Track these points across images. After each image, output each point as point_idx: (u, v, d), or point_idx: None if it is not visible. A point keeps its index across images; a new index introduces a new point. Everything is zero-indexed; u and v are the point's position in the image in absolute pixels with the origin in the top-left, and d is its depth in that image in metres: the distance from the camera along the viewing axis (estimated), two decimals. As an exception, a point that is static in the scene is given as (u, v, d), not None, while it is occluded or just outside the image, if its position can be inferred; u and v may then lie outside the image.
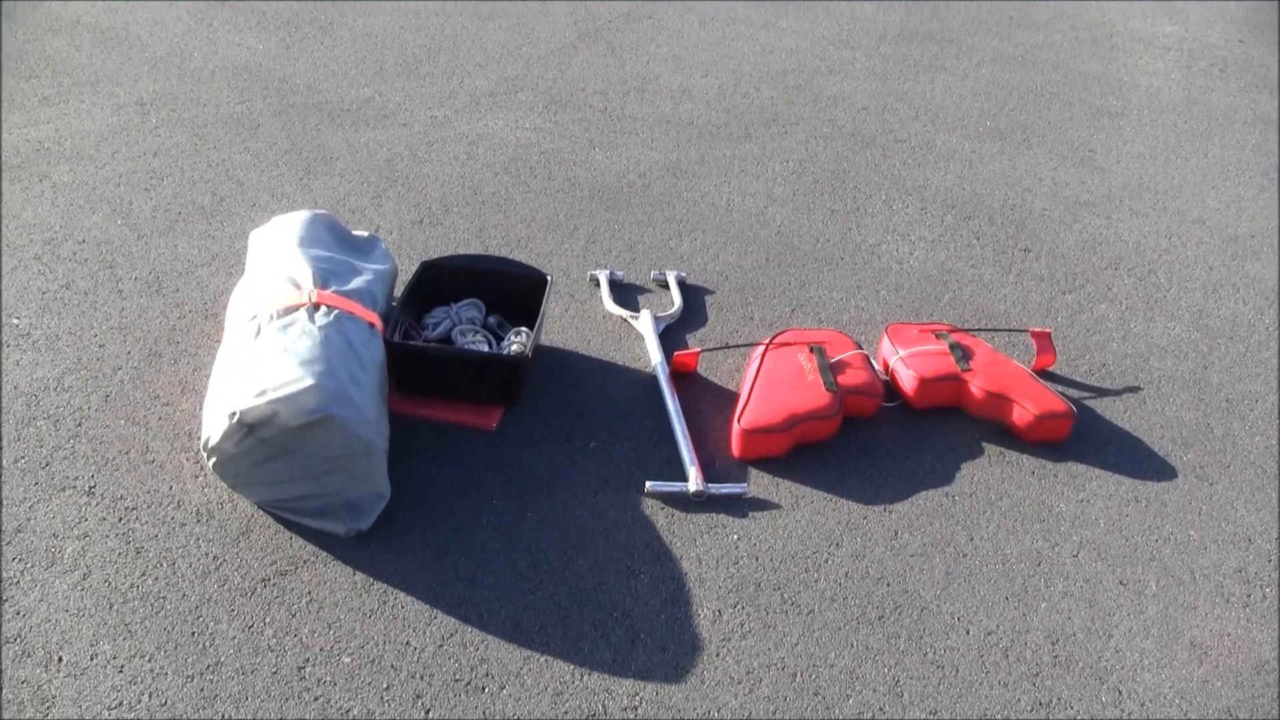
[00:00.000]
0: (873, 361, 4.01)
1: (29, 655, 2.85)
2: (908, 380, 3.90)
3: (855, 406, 3.80)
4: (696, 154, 5.73)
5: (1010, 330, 4.28)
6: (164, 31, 6.86)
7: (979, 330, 4.26)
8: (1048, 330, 4.20)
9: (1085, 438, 3.89)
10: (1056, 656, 3.05)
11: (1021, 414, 3.78)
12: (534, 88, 6.40)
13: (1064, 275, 4.87)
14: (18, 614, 2.96)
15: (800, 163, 5.73)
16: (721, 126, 6.09)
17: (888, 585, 3.23)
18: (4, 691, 2.76)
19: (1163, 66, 7.71)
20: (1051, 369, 4.21)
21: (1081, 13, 8.70)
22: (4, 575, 3.07)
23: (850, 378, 3.80)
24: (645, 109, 6.23)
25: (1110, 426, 3.96)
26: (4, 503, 3.31)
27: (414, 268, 4.06)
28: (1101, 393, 4.12)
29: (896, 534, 3.42)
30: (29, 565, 3.10)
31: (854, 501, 3.53)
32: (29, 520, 3.25)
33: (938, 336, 4.03)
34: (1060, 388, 4.11)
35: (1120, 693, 2.97)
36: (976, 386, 3.83)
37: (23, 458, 3.48)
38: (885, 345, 4.08)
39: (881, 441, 3.80)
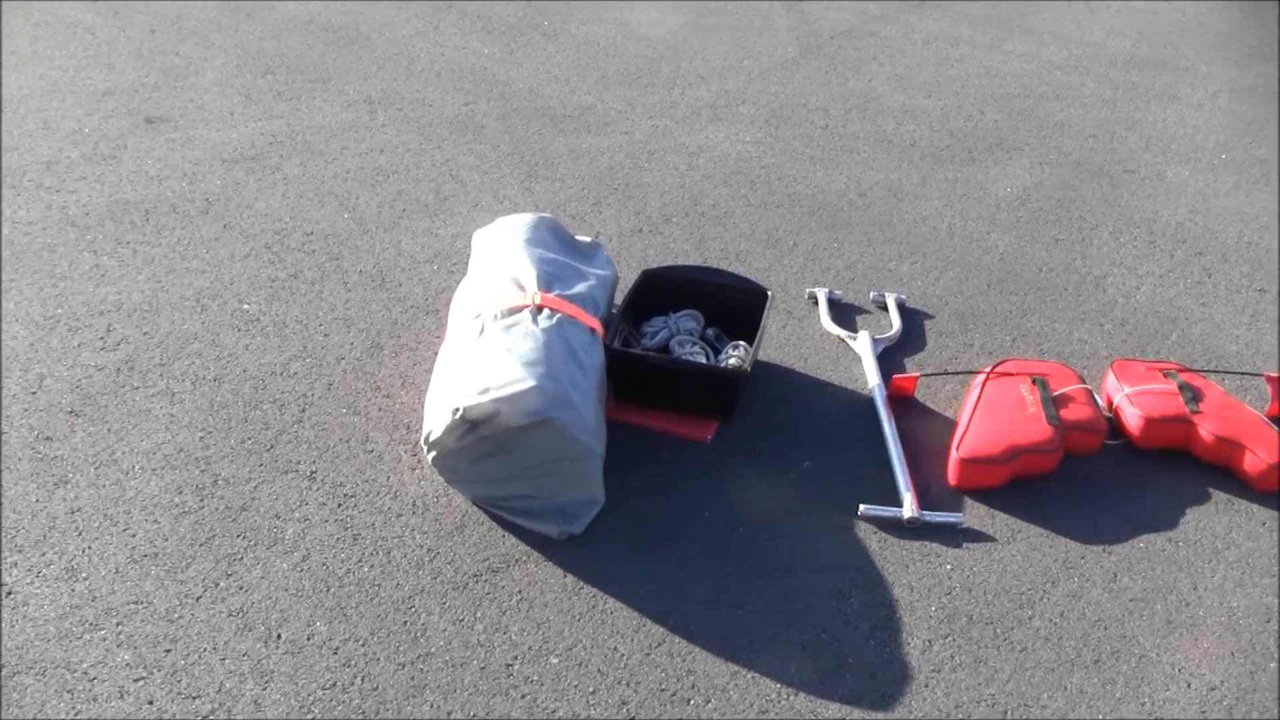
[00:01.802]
0: (1096, 397, 3.92)
1: (250, 630, 2.91)
2: (1133, 419, 3.80)
3: (1077, 442, 3.71)
4: (918, 175, 5.67)
5: (1243, 374, 4.16)
6: (392, 33, 6.98)
7: (1210, 372, 4.14)
8: (1284, 375, 4.07)
9: (1322, 490, 3.76)
10: (1285, 718, 2.95)
11: (1254, 462, 3.66)
12: (755, 101, 6.39)
13: (1302, 318, 4.73)
14: (241, 589, 3.02)
15: (1024, 189, 5.64)
16: (944, 148, 6.02)
17: (1105, 629, 3.15)
18: (227, 662, 2.82)
19: None
20: (1287, 416, 4.08)
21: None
22: (229, 551, 3.13)
23: (1073, 412, 3.72)
24: (867, 127, 6.18)
25: (1347, 479, 3.82)
26: (230, 482, 3.38)
27: (632, 275, 4.06)
28: (1338, 443, 3.99)
29: (1116, 576, 3.33)
30: (252, 544, 3.17)
31: (1072, 539, 3.45)
32: (253, 500, 3.32)
33: (1166, 375, 3.93)
34: (1295, 436, 3.99)
35: (1352, 759, 2.87)
36: (1206, 430, 3.71)
37: (249, 439, 3.55)
38: (1110, 381, 3.98)
39: (1103, 480, 3.71)
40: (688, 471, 3.57)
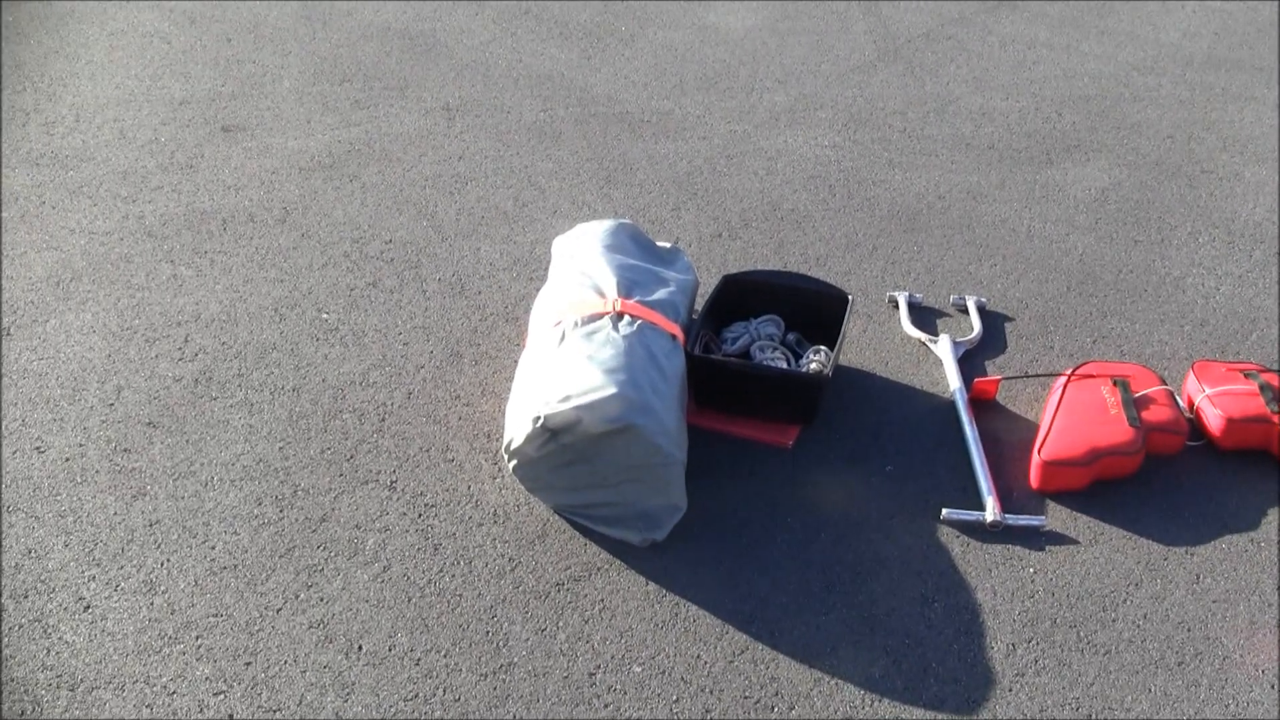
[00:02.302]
0: (1177, 399, 3.90)
1: (331, 641, 2.94)
2: (1214, 420, 3.78)
3: (1158, 444, 3.69)
4: (996, 177, 5.65)
5: (1325, 373, 4.13)
6: (469, 39, 7.01)
7: (1291, 372, 4.11)
8: (1366, 376, 4.03)
9: (1404, 491, 3.73)
10: (1369, 719, 2.93)
11: (1336, 462, 3.64)
12: (833, 105, 6.38)
13: (1383, 319, 4.68)
14: (321, 600, 3.06)
15: (1103, 190, 5.60)
16: (1022, 150, 5.99)
17: (1189, 630, 3.14)
18: (307, 675, 2.84)
19: None
20: (1368, 416, 4.04)
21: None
22: (309, 563, 3.16)
23: (1154, 414, 3.71)
24: (945, 130, 6.16)
25: None
26: (310, 492, 3.41)
27: (712, 281, 4.07)
28: None
29: (1199, 578, 3.31)
30: (332, 554, 3.20)
31: (1154, 541, 3.44)
32: (333, 510, 3.35)
33: (1247, 376, 3.90)
34: (1377, 437, 3.95)
35: None
36: (1288, 430, 3.70)
37: (329, 449, 3.58)
38: (1191, 382, 3.96)
39: (1184, 481, 3.69)
40: (770, 477, 3.58)
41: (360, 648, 2.93)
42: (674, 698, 2.85)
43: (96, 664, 2.86)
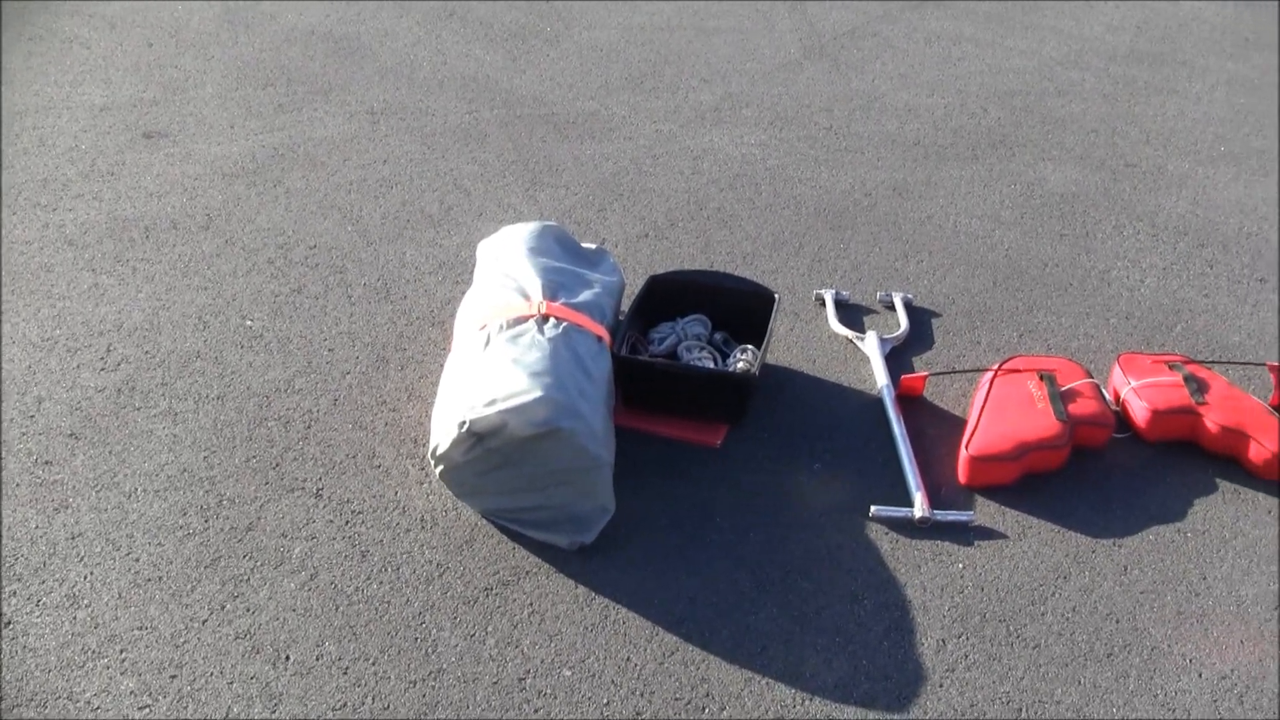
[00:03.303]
0: (1103, 391, 3.92)
1: (258, 652, 2.91)
2: (1140, 412, 3.81)
3: (1085, 437, 3.72)
4: (923, 174, 5.67)
5: (1247, 364, 4.16)
6: (393, 42, 6.98)
7: (1214, 363, 4.14)
8: (1288, 365, 4.07)
9: (1327, 478, 3.76)
10: (1296, 706, 2.95)
11: (1259, 451, 3.66)
12: (759, 104, 6.39)
13: (1304, 308, 4.73)
14: (248, 610, 3.03)
15: (1028, 185, 5.63)
16: (948, 147, 6.02)
17: (1117, 622, 3.15)
18: (234, 686, 2.82)
19: None
20: (1291, 405, 4.08)
21: (1323, 35, 8.46)
22: (235, 572, 3.13)
23: (1081, 407, 3.72)
24: (870, 127, 6.18)
25: (1354, 467, 3.82)
26: (236, 501, 3.38)
27: (638, 281, 4.07)
28: (1344, 431, 3.98)
29: (1126, 569, 3.33)
30: (258, 564, 3.17)
31: (1082, 534, 3.45)
32: (259, 519, 3.32)
33: (1171, 368, 3.93)
34: (1300, 425, 3.98)
35: (1365, 747, 2.86)
36: (1212, 421, 3.72)
37: (254, 457, 3.55)
38: (1117, 375, 3.98)
39: (1111, 474, 3.71)
40: (698, 477, 3.58)
41: (288, 657, 2.90)
42: (604, 701, 2.84)
43: (18, 681, 2.82)
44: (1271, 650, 3.09)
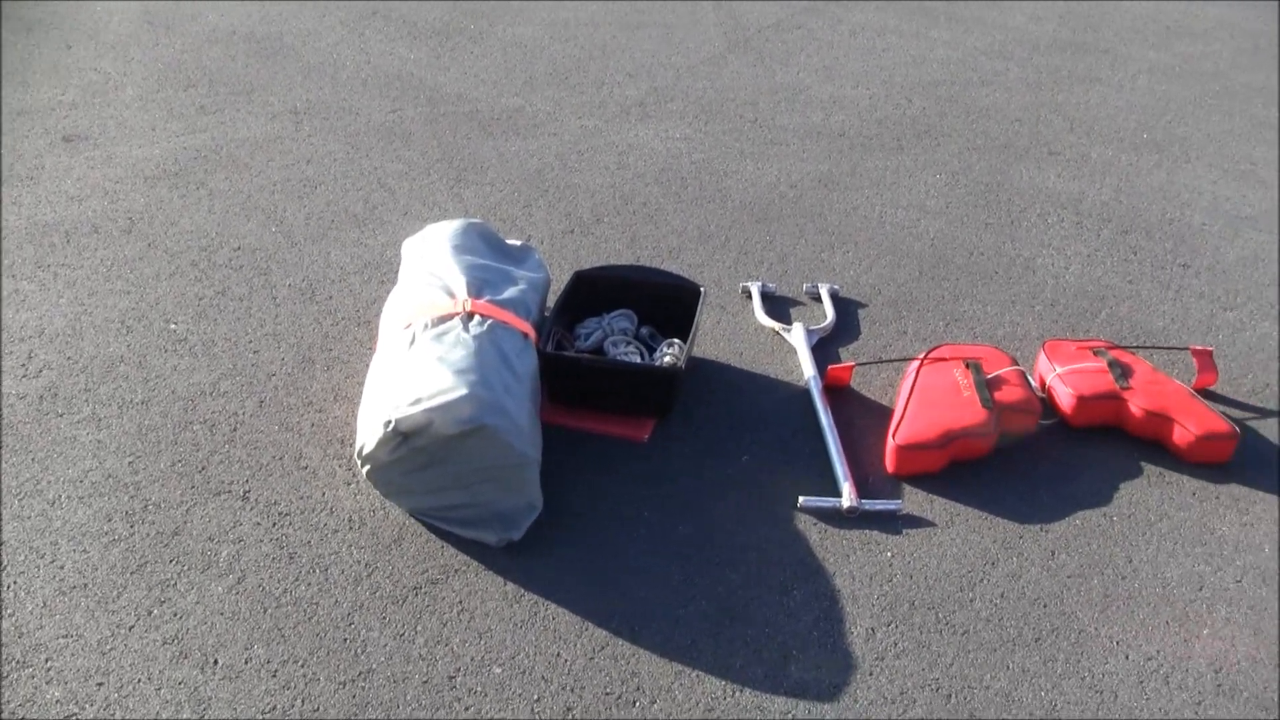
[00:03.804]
0: (1029, 378, 3.94)
1: (186, 657, 2.88)
2: (1065, 398, 3.83)
3: (1012, 424, 3.73)
4: (848, 165, 5.69)
5: (1170, 348, 4.19)
6: (316, 41, 6.95)
7: (1138, 348, 4.17)
8: (1209, 349, 4.10)
9: (1249, 459, 3.79)
10: (1220, 685, 2.97)
11: (1183, 434, 3.70)
12: (684, 97, 6.39)
13: (1225, 292, 4.76)
14: (175, 615, 2.99)
15: (953, 175, 5.66)
16: (873, 138, 6.04)
17: (1044, 606, 3.17)
18: (163, 692, 2.79)
19: (1327, 78, 7.54)
20: (1213, 388, 4.11)
21: (1242, 22, 8.52)
22: (162, 577, 3.10)
23: (1007, 394, 3.74)
24: (796, 119, 6.20)
25: (1274, 448, 3.85)
26: (161, 506, 3.35)
27: (565, 277, 4.06)
28: (1265, 413, 4.02)
29: (1053, 554, 3.35)
30: (185, 568, 3.14)
31: (1010, 520, 3.47)
32: (186, 523, 3.29)
33: (1096, 354, 3.96)
34: (1222, 408, 4.01)
35: (1289, 725, 2.89)
36: (1136, 405, 3.75)
37: (180, 461, 3.52)
38: (1042, 362, 4.01)
39: (1038, 460, 3.73)
40: (626, 472, 3.57)
41: (216, 662, 2.88)
42: (535, 697, 2.83)
43: (-60, 692, 2.80)
44: (1196, 631, 3.12)
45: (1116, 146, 6.13)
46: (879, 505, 3.45)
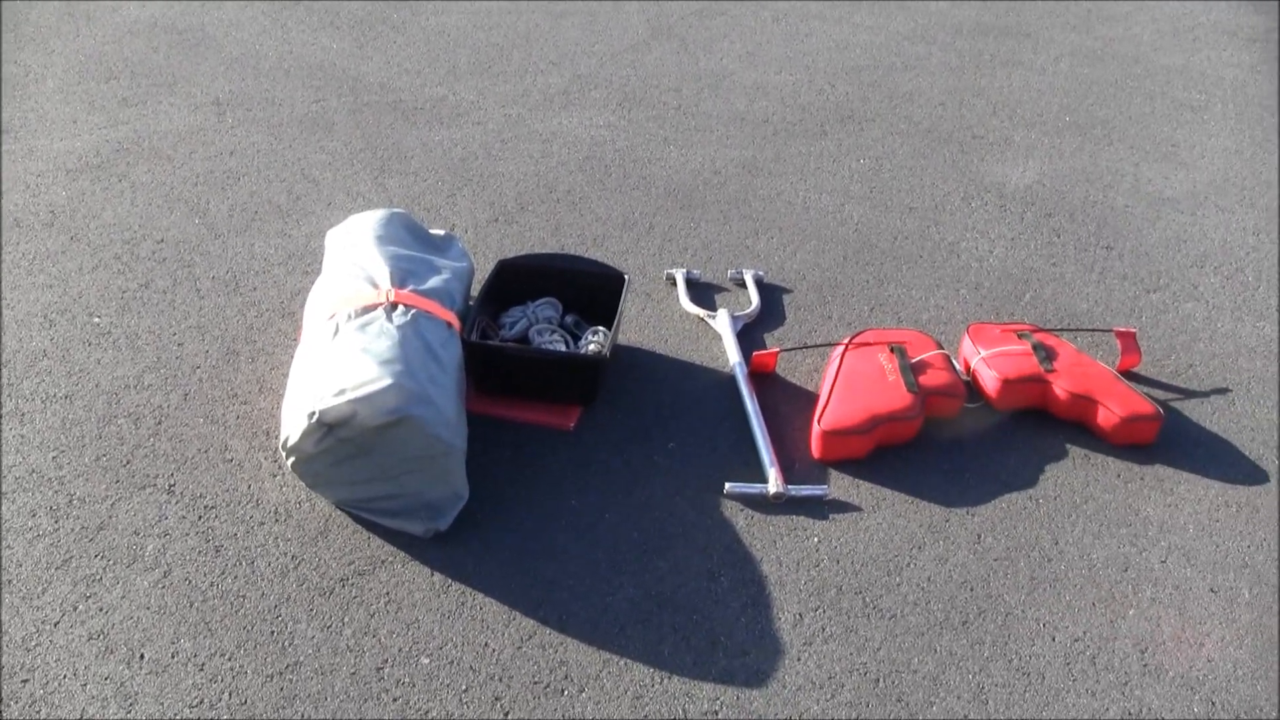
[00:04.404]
0: (954, 362, 3.96)
1: (112, 652, 2.86)
2: (990, 381, 3.85)
3: (937, 407, 3.75)
4: (772, 151, 5.70)
5: (1094, 330, 4.22)
6: (239, 32, 6.90)
7: (1062, 330, 4.20)
8: (1133, 330, 4.13)
9: (1173, 440, 3.82)
10: (1145, 665, 2.99)
11: (1107, 416, 3.73)
12: (607, 85, 6.39)
13: (1148, 273, 4.80)
14: (101, 610, 2.97)
15: (877, 160, 5.68)
16: (797, 123, 6.05)
17: (971, 589, 3.19)
18: (88, 688, 2.77)
19: (1247, 58, 7.59)
20: (1137, 370, 4.14)
21: (1162, 5, 8.59)
22: (88, 572, 3.08)
23: (932, 378, 3.76)
24: (720, 106, 6.20)
25: (1198, 429, 3.89)
26: (86, 501, 3.32)
27: (490, 266, 4.05)
28: (1189, 394, 4.06)
29: (980, 537, 3.37)
30: (111, 563, 3.11)
31: (936, 504, 3.49)
32: (111, 518, 3.26)
33: (1020, 336, 3.98)
34: (1146, 389, 4.05)
35: (1213, 704, 2.90)
36: (1060, 388, 3.77)
37: (104, 455, 3.49)
38: (966, 345, 4.03)
39: (964, 443, 3.75)
40: (552, 461, 3.57)
41: (142, 656, 2.86)
42: (463, 687, 2.82)
43: None
44: (1122, 611, 3.15)
45: (1039, 130, 6.16)
46: (805, 491, 3.46)
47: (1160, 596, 3.21)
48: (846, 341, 3.93)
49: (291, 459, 3.17)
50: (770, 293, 4.48)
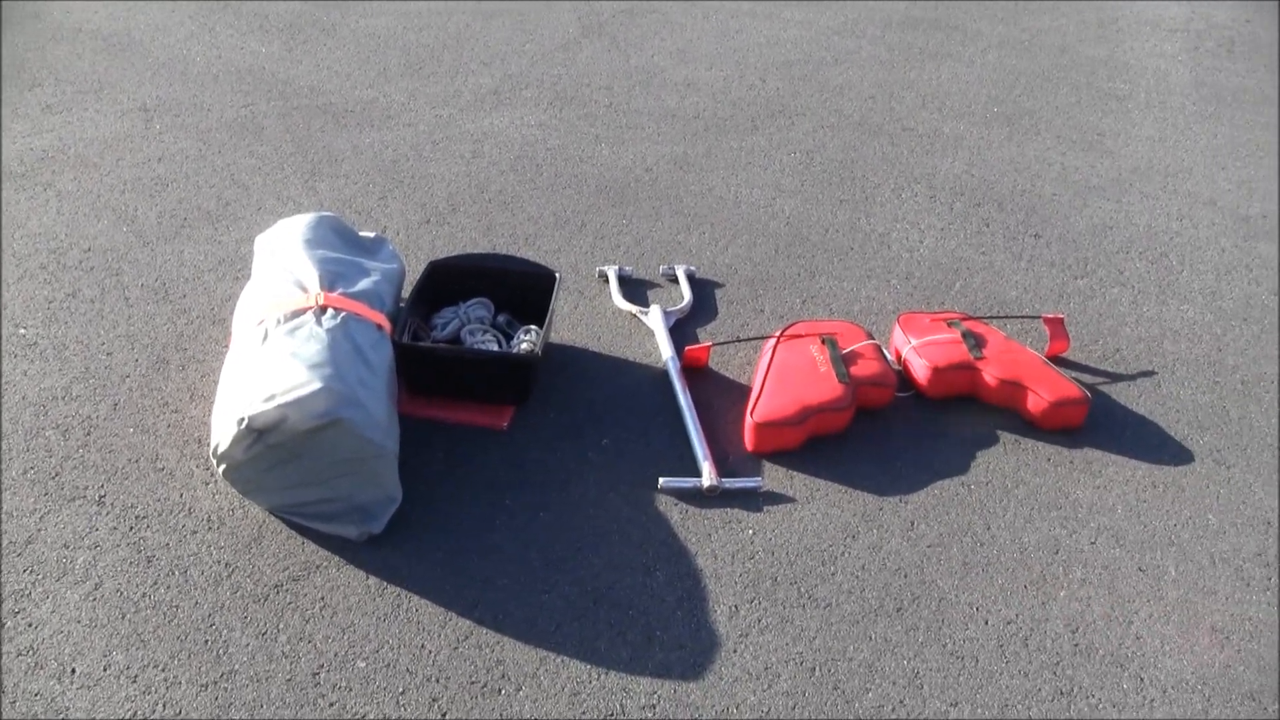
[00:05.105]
0: (885, 352, 3.99)
1: (42, 667, 2.84)
2: (921, 370, 3.87)
3: (868, 397, 3.78)
4: (703, 147, 5.71)
5: (1023, 317, 4.26)
6: (166, 37, 6.85)
7: (991, 318, 4.23)
8: (1060, 316, 4.17)
9: (1101, 423, 3.86)
10: (1077, 645, 3.03)
11: (1036, 401, 3.76)
12: (538, 84, 6.38)
13: (1075, 260, 4.84)
14: (30, 626, 2.94)
15: (808, 153, 5.71)
16: (728, 119, 6.07)
17: (905, 576, 3.21)
18: (18, 705, 2.75)
19: (1169, 48, 7.68)
20: (1065, 355, 4.18)
21: (1087, -4, 8.68)
22: (16, 588, 3.05)
23: (863, 368, 3.78)
24: (650, 103, 6.21)
25: (1126, 411, 3.93)
26: (14, 515, 3.29)
27: (422, 268, 4.04)
28: (1116, 378, 4.10)
29: (913, 524, 3.40)
30: (40, 577, 3.09)
31: (869, 493, 3.51)
32: (39, 531, 3.23)
33: (950, 325, 4.01)
34: (1074, 374, 4.08)
35: (1142, 680, 2.94)
36: (990, 375, 3.80)
37: (32, 468, 3.46)
38: (897, 335, 4.05)
39: (896, 432, 3.78)
40: (486, 460, 3.57)
41: (73, 671, 2.84)
42: (400, 690, 2.82)
43: None
44: (1054, 593, 3.18)
45: (968, 121, 6.21)
46: (739, 483, 3.48)
47: (1090, 577, 3.24)
48: (778, 334, 3.94)
49: (223, 466, 3.15)
50: (702, 287, 4.50)
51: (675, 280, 4.53)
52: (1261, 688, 2.96)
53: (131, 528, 3.26)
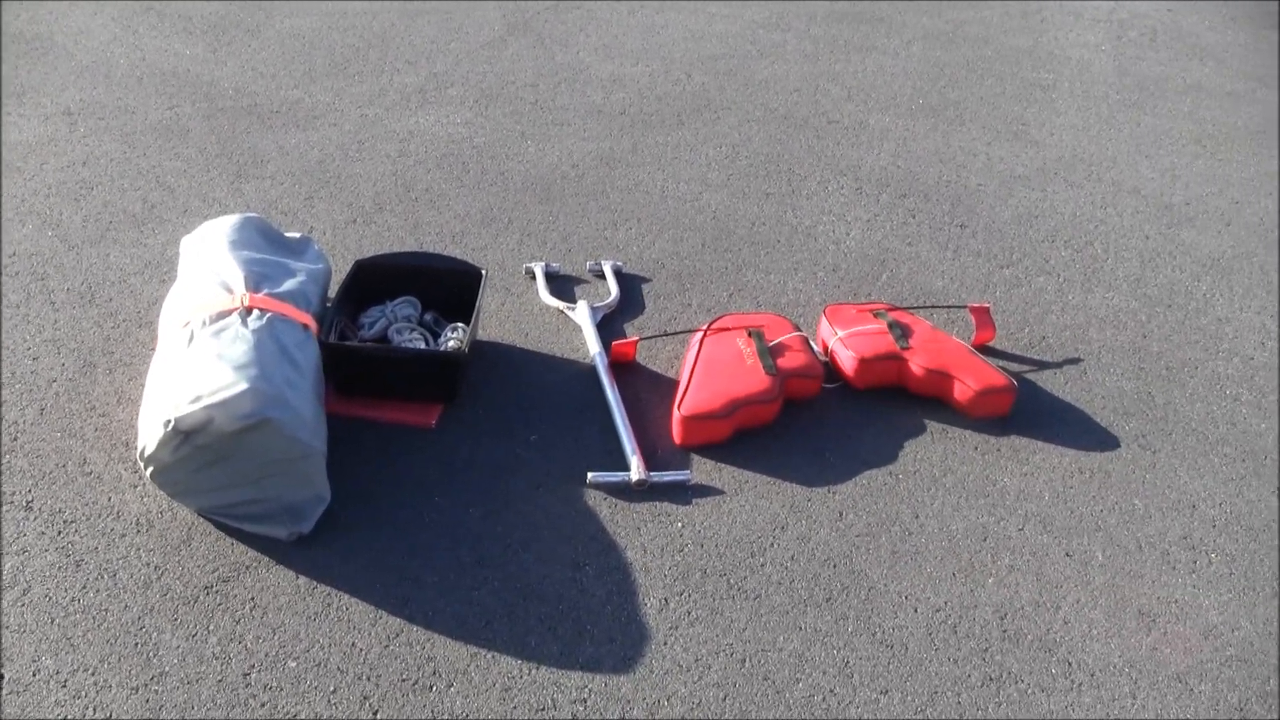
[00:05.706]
0: (812, 343, 4.01)
1: (-31, 674, 2.82)
2: (847, 361, 3.89)
3: (796, 389, 3.79)
4: (629, 143, 5.72)
5: (949, 307, 4.29)
6: (89, 40, 6.79)
7: (918, 308, 4.27)
8: (986, 305, 4.21)
9: (1027, 411, 3.90)
10: (1005, 630, 3.06)
11: (963, 390, 3.79)
12: (464, 82, 6.37)
13: (1001, 250, 4.88)
14: (-44, 633, 2.93)
15: (734, 147, 5.72)
16: (653, 114, 6.08)
17: (834, 566, 3.23)
18: (-57, 713, 2.74)
19: (1092, 38, 7.75)
20: (991, 344, 4.22)
21: (1009, -13, 8.74)
22: (-60, 595, 3.04)
23: (790, 360, 3.80)
24: (576, 99, 6.21)
25: (1052, 399, 3.97)
26: (-62, 522, 3.27)
27: (348, 267, 4.03)
28: (1042, 365, 4.13)
29: (842, 515, 3.42)
30: (-33, 584, 3.07)
31: (798, 484, 3.53)
32: (-35, 538, 3.22)
33: (876, 316, 4.03)
34: (1001, 362, 4.12)
35: (1070, 664, 2.97)
36: (917, 364, 3.83)
37: (-43, 475, 3.44)
38: (824, 326, 4.07)
39: (823, 423, 3.80)
40: (415, 459, 3.56)
41: (2, 676, 2.82)
42: (331, 688, 2.82)
43: None
44: (981, 580, 3.20)
45: (893, 113, 6.24)
46: (668, 477, 3.49)
47: (1018, 564, 3.28)
48: (705, 327, 3.96)
49: (150, 469, 3.14)
50: (629, 282, 4.50)
51: (602, 276, 4.54)
52: (1188, 670, 3.00)
53: (60, 532, 3.24)
